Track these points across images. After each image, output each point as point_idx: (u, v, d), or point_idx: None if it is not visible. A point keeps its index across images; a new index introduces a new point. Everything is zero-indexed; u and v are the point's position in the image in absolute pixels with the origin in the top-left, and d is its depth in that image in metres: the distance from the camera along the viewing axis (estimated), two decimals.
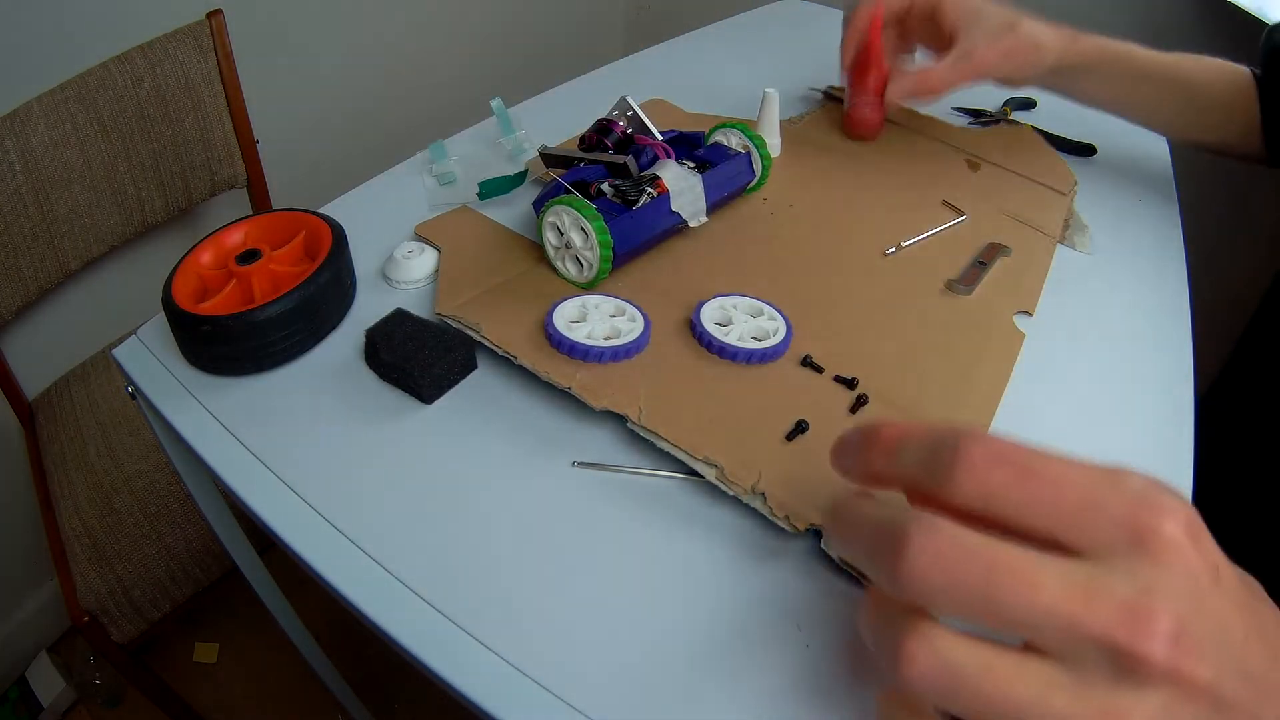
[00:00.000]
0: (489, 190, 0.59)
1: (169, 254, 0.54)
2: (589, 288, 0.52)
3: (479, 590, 0.37)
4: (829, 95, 0.78)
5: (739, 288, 0.52)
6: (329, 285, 0.48)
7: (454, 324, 0.49)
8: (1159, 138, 0.73)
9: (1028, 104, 0.79)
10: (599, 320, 0.48)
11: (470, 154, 0.68)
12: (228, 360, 0.47)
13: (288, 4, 1.17)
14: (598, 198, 0.53)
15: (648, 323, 0.48)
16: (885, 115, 0.71)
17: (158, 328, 0.51)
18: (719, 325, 0.49)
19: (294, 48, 1.21)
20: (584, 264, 0.51)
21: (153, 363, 0.49)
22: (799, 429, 0.43)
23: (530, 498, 0.41)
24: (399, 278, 0.53)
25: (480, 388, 0.48)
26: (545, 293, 0.51)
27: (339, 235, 0.51)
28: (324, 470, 0.43)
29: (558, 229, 0.51)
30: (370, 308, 0.52)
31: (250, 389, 0.47)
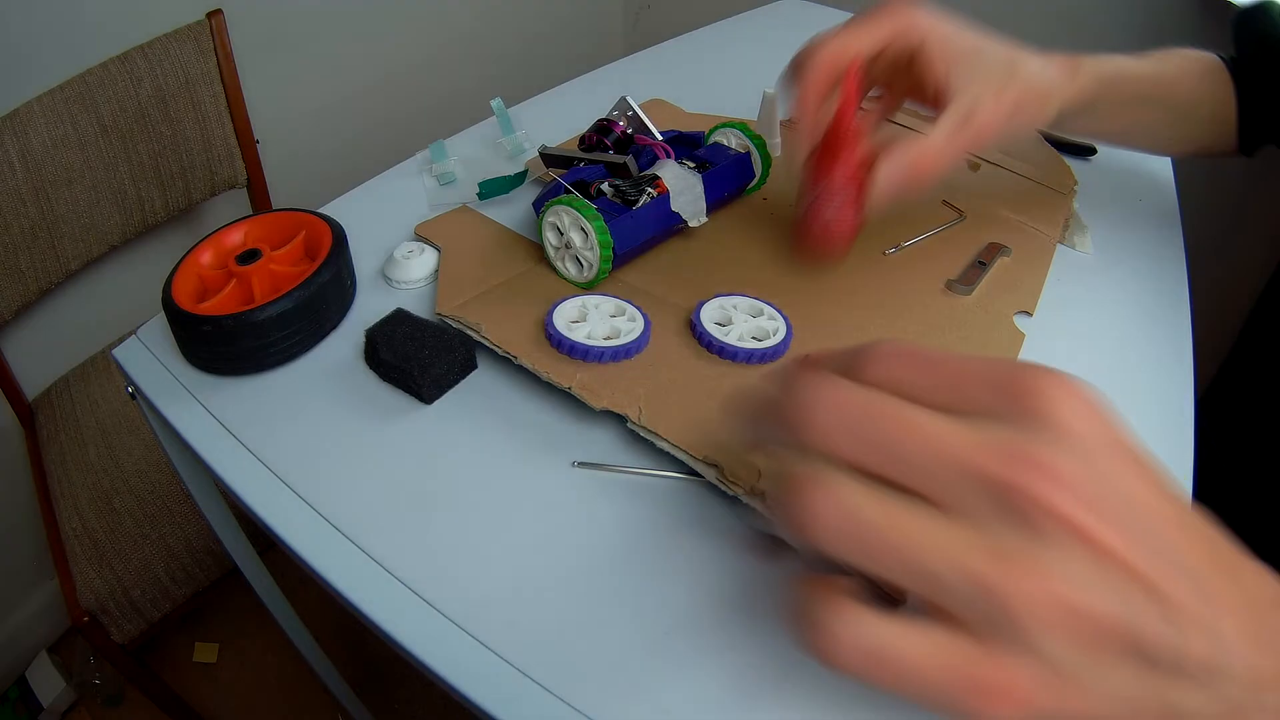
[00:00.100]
0: (489, 190, 0.59)
1: (169, 254, 0.54)
2: (589, 288, 0.52)
3: (479, 590, 0.37)
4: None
5: (739, 288, 0.52)
6: (329, 285, 0.48)
7: (454, 324, 0.49)
8: None
9: None
10: (599, 320, 0.48)
11: (470, 154, 0.68)
12: (228, 360, 0.47)
13: (288, 4, 1.17)
14: (598, 198, 0.53)
15: (648, 323, 0.48)
16: (863, 219, 0.47)
17: (158, 328, 0.51)
18: (719, 325, 0.49)
19: (294, 48, 1.21)
20: (584, 264, 0.51)
21: (153, 363, 0.49)
22: None
23: (530, 498, 0.41)
24: (399, 278, 0.53)
25: (480, 388, 0.48)
26: (545, 293, 0.51)
27: (339, 235, 0.51)
28: (324, 470, 0.43)
29: (558, 229, 0.51)
30: (370, 308, 0.52)
31: (250, 389, 0.47)
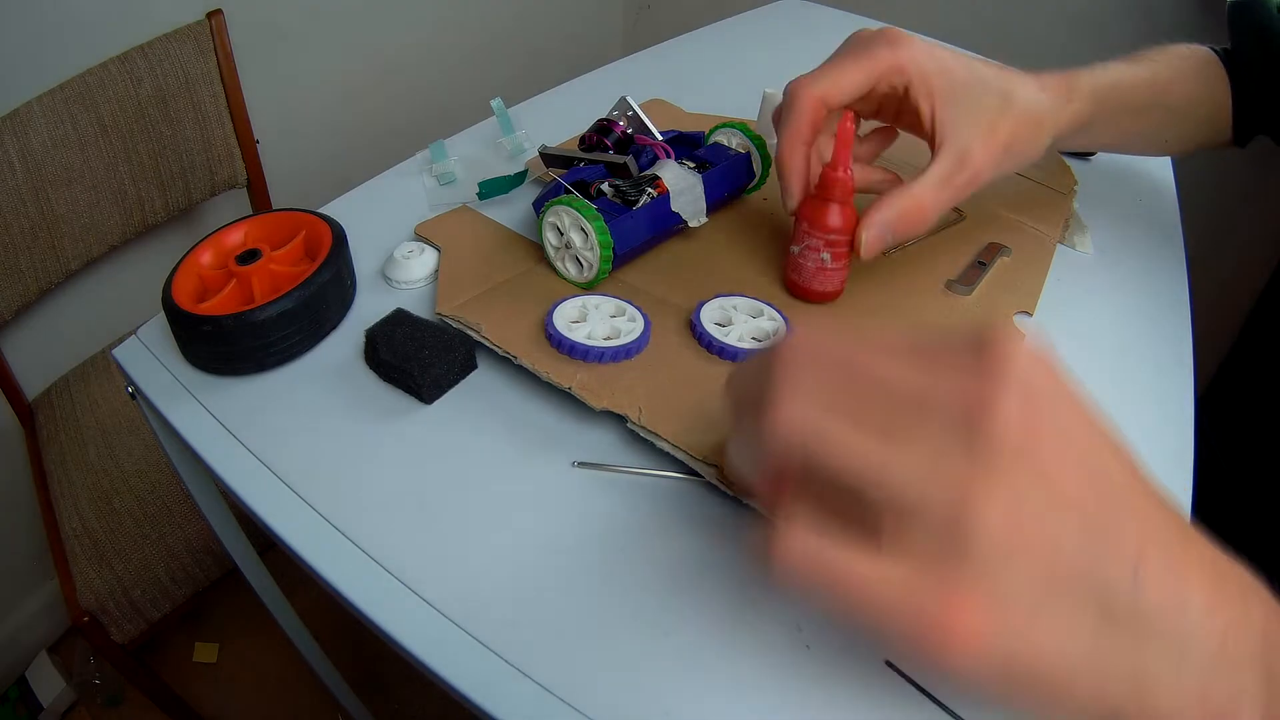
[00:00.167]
0: (489, 190, 0.59)
1: (169, 254, 0.54)
2: (589, 288, 0.52)
3: (479, 590, 0.37)
4: None
5: (739, 288, 0.52)
6: (329, 285, 0.48)
7: (454, 324, 0.49)
8: None
9: None
10: (599, 320, 0.48)
11: (470, 154, 0.68)
12: (228, 360, 0.47)
13: (288, 4, 1.17)
14: (598, 198, 0.53)
15: (648, 323, 0.48)
16: (849, 271, 0.50)
17: (158, 328, 0.51)
18: (719, 325, 0.49)
19: (294, 48, 1.21)
20: (584, 264, 0.51)
21: (153, 363, 0.49)
22: None
23: (530, 498, 0.41)
24: (399, 278, 0.53)
25: (480, 388, 0.48)
26: (545, 293, 0.51)
27: (339, 235, 0.51)
28: (324, 470, 0.43)
29: (558, 229, 0.51)
30: (370, 308, 0.52)
31: (250, 389, 0.47)
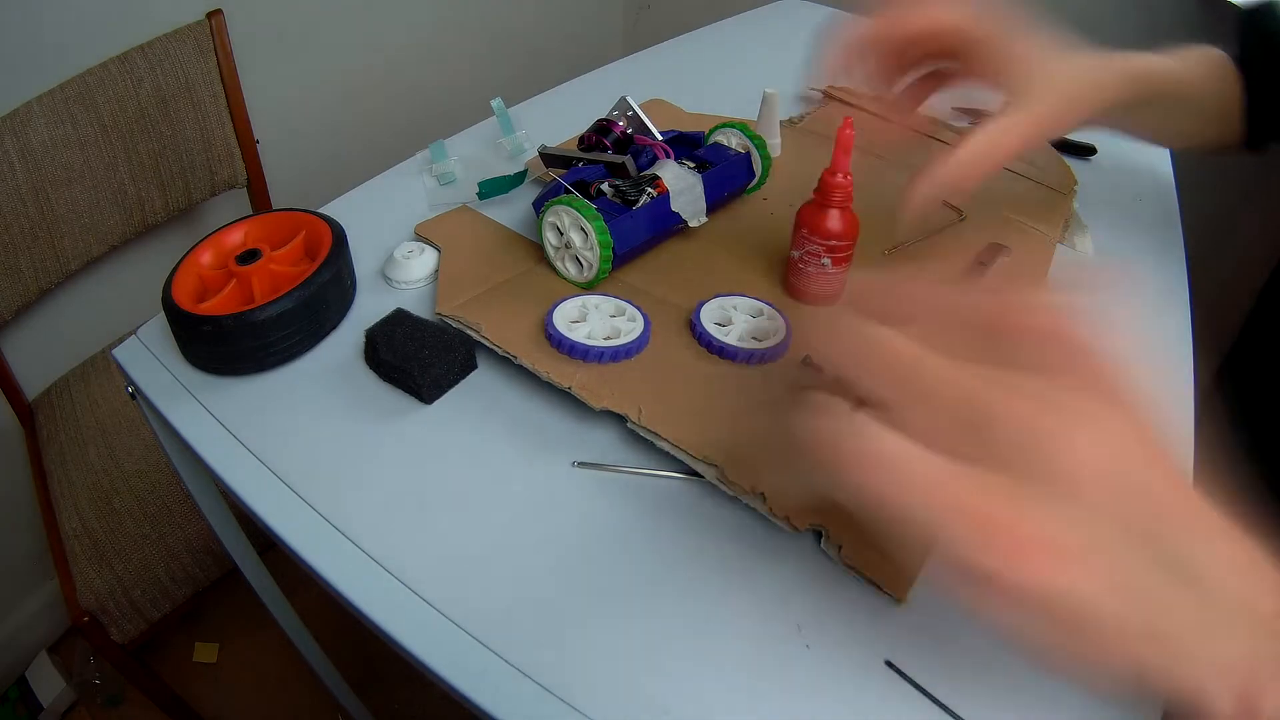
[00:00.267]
0: (489, 190, 0.59)
1: (169, 254, 0.54)
2: (589, 288, 0.52)
3: (479, 590, 0.37)
4: (829, 95, 0.78)
5: (739, 288, 0.52)
6: (329, 285, 0.48)
7: (454, 324, 0.49)
8: None
9: None
10: (599, 320, 0.48)
11: (470, 154, 0.68)
12: (228, 360, 0.47)
13: (288, 4, 1.17)
14: (598, 198, 0.53)
15: (648, 323, 0.48)
16: (846, 278, 0.51)
17: (158, 328, 0.51)
18: (719, 325, 0.49)
19: (294, 48, 1.21)
20: (584, 264, 0.51)
21: (153, 363, 0.49)
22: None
23: (530, 498, 0.41)
24: (399, 278, 0.53)
25: (480, 388, 0.48)
26: (545, 293, 0.51)
27: (339, 235, 0.51)
28: (324, 470, 0.43)
29: (558, 229, 0.51)
30: (370, 308, 0.52)
31: (250, 389, 0.47)
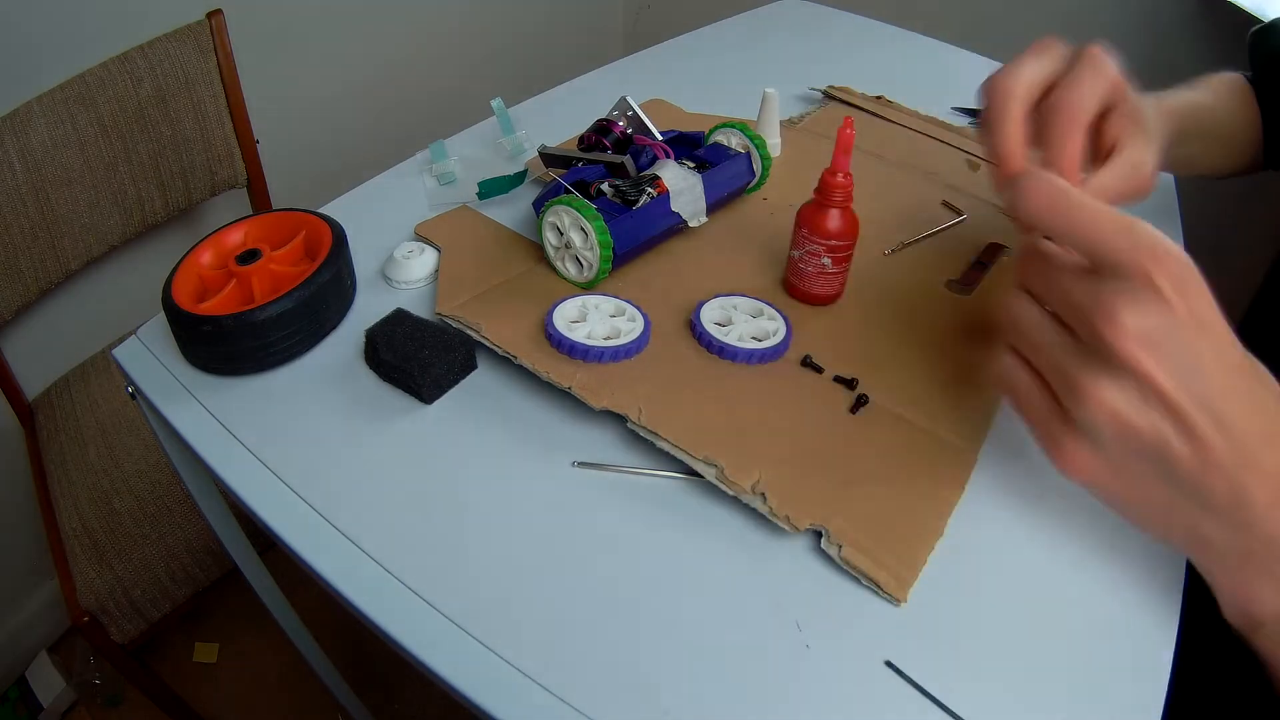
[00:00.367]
0: (489, 190, 0.59)
1: (169, 254, 0.54)
2: (589, 288, 0.52)
3: (479, 590, 0.37)
4: (829, 95, 0.78)
5: (739, 288, 0.52)
6: (329, 285, 0.48)
7: (454, 324, 0.49)
8: None
9: None
10: (599, 320, 0.48)
11: (470, 154, 0.68)
12: (228, 360, 0.47)
13: (288, 4, 1.17)
14: (598, 198, 0.53)
15: (648, 323, 0.48)
16: (849, 273, 0.51)
17: (158, 328, 0.51)
18: (719, 325, 0.49)
19: (294, 48, 1.21)
20: (584, 264, 0.51)
21: (153, 363, 0.49)
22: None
23: (530, 498, 0.41)
24: (399, 278, 0.53)
25: (480, 388, 0.48)
26: (545, 293, 0.51)
27: (339, 235, 0.51)
28: (324, 470, 0.43)
29: (558, 229, 0.51)
30: (370, 308, 0.52)
31: (250, 389, 0.47)
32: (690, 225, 0.54)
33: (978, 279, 0.55)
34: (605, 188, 0.53)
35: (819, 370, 0.47)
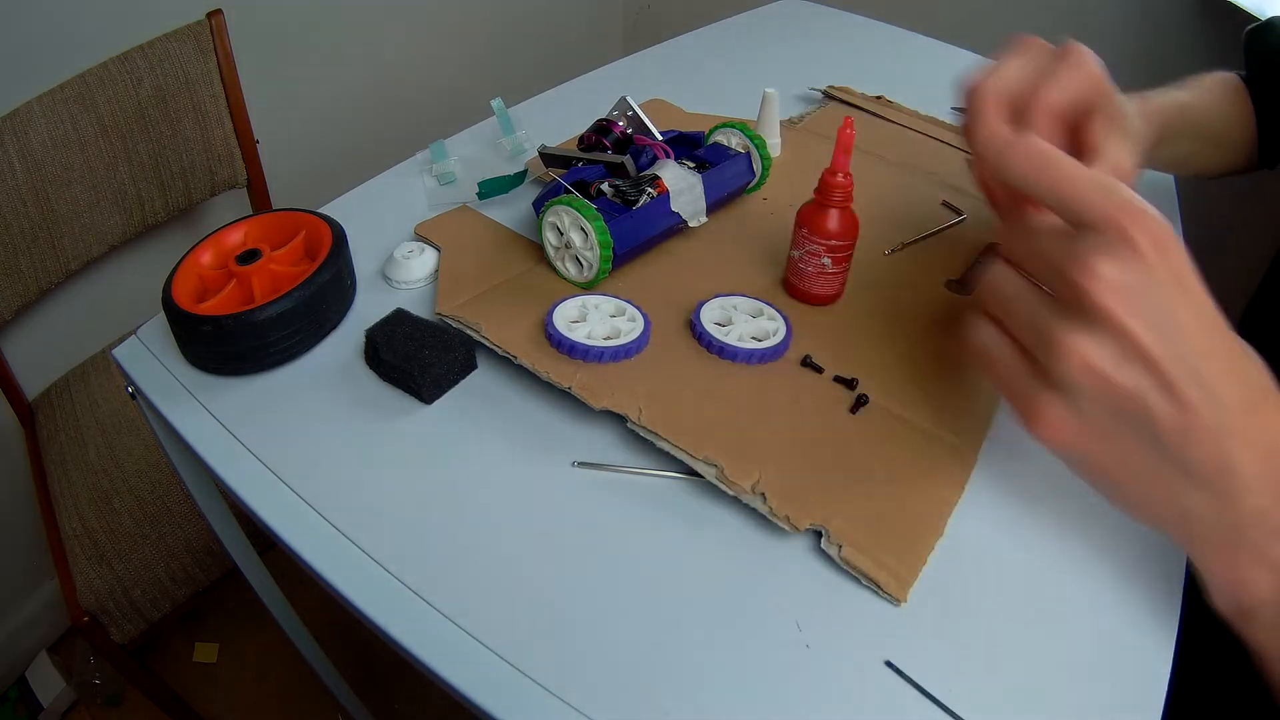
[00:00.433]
0: (489, 190, 0.59)
1: (169, 254, 0.54)
2: (589, 288, 0.52)
3: (479, 590, 0.37)
4: (829, 95, 0.78)
5: (739, 288, 0.52)
6: (329, 285, 0.48)
7: (454, 324, 0.49)
8: None
9: None
10: (599, 320, 0.48)
11: (470, 154, 0.68)
12: (228, 360, 0.47)
13: (288, 4, 1.17)
14: (598, 198, 0.53)
15: (648, 323, 0.48)
16: (849, 273, 0.51)
17: (158, 328, 0.51)
18: (719, 325, 0.49)
19: (294, 48, 1.21)
20: (584, 264, 0.51)
21: (153, 363, 0.49)
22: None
23: (530, 498, 0.41)
24: (399, 278, 0.53)
25: (480, 388, 0.48)
26: (545, 293, 0.51)
27: (339, 235, 0.51)
28: (324, 470, 0.43)
29: (558, 229, 0.51)
30: (370, 308, 0.52)
31: (250, 389, 0.47)
32: (690, 225, 0.54)
33: (978, 279, 0.55)
34: (605, 188, 0.53)
35: (819, 370, 0.47)
